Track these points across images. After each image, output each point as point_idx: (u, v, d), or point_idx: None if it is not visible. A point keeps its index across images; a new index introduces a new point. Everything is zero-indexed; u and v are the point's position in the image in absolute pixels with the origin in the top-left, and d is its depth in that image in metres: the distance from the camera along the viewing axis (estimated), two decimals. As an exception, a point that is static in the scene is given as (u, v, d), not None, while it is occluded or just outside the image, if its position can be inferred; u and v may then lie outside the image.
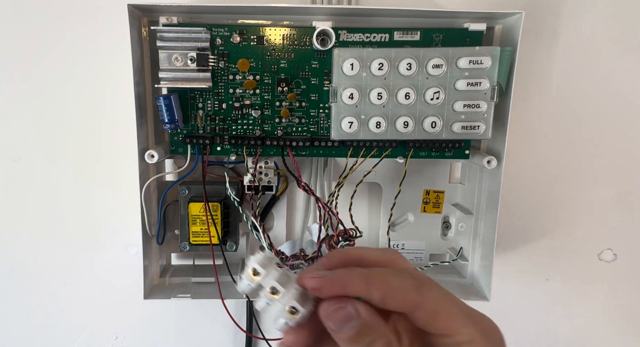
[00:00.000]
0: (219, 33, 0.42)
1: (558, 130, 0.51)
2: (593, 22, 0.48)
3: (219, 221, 0.45)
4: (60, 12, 0.47)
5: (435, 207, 0.51)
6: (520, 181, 0.51)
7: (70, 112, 0.48)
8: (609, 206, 0.52)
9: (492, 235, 0.45)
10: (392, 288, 0.23)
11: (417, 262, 0.52)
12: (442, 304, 0.24)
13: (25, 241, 0.51)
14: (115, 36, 0.47)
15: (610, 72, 0.49)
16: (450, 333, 0.23)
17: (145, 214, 0.43)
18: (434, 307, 0.23)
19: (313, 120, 0.44)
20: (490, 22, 0.44)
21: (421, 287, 0.24)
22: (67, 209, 0.50)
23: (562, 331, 0.56)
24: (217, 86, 0.43)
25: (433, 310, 0.23)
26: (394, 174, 0.49)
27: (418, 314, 0.23)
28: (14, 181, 0.50)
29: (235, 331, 0.54)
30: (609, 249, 0.54)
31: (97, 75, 0.48)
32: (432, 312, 0.23)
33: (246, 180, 0.45)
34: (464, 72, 0.40)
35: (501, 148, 0.44)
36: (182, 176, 0.47)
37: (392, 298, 0.23)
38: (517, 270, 0.54)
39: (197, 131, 0.44)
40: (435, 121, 0.41)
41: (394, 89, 0.40)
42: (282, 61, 0.43)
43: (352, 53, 0.40)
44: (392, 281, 0.23)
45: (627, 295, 0.55)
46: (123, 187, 0.49)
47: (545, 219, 0.53)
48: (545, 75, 0.49)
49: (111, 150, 0.49)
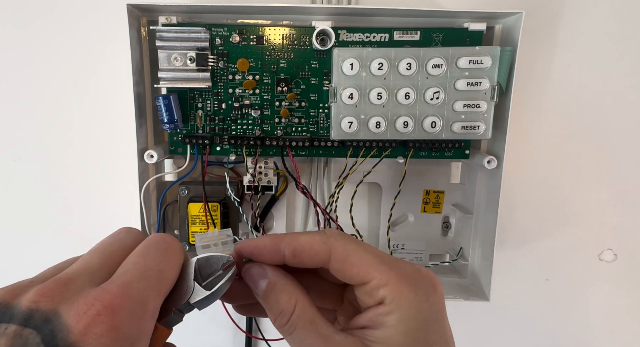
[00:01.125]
0: (219, 33, 0.42)
1: (558, 131, 0.51)
2: (593, 22, 0.48)
3: (218, 221, 0.45)
4: (59, 12, 0.47)
5: (435, 207, 0.51)
6: (520, 181, 0.51)
7: (69, 112, 0.48)
8: (609, 206, 0.52)
9: (492, 235, 0.45)
10: (300, 243, 0.25)
11: (417, 262, 0.52)
12: (351, 251, 0.24)
13: (25, 240, 0.51)
14: (115, 36, 0.47)
15: (610, 72, 0.49)
16: (365, 279, 0.24)
17: (144, 214, 0.43)
18: (343, 255, 0.24)
19: (313, 120, 0.44)
20: (490, 22, 0.44)
21: (329, 239, 0.25)
22: (67, 209, 0.50)
23: (562, 331, 0.56)
24: (217, 86, 0.43)
25: (342, 257, 0.24)
26: (394, 174, 0.49)
27: (332, 265, 0.24)
28: (14, 181, 0.50)
29: (235, 331, 0.53)
30: (609, 249, 0.54)
31: (97, 75, 0.48)
32: (342, 260, 0.24)
33: (246, 180, 0.45)
34: (464, 72, 0.40)
35: (501, 148, 0.44)
36: (181, 176, 0.47)
37: (301, 253, 0.25)
38: (517, 270, 0.54)
39: (196, 131, 0.44)
40: (435, 121, 0.41)
41: (394, 89, 0.40)
42: (281, 61, 0.43)
43: (351, 53, 0.40)
44: (300, 238, 0.25)
45: (628, 295, 0.55)
46: (122, 187, 0.49)
47: (545, 219, 0.53)
48: (545, 75, 0.49)
49: (111, 150, 0.49)
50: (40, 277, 0.20)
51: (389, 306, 0.23)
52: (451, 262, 0.49)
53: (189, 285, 0.23)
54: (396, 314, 0.23)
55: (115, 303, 0.18)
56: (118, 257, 0.21)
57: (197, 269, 0.23)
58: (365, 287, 0.24)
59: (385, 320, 0.23)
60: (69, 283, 0.19)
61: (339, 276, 0.25)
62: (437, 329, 0.23)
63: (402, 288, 0.23)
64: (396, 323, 0.23)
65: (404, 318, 0.23)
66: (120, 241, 0.23)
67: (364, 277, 0.24)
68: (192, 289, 0.23)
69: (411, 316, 0.23)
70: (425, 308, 0.23)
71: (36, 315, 0.17)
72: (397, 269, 0.24)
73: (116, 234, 0.24)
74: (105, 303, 0.18)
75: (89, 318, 0.17)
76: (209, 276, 0.23)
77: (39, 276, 0.21)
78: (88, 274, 0.20)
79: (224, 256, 0.24)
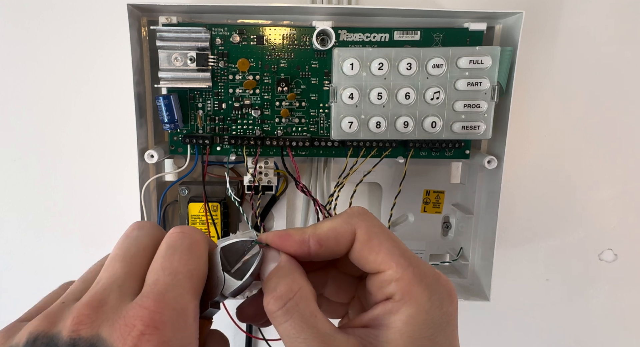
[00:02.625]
0: (219, 33, 0.42)
1: (558, 130, 0.50)
2: (593, 22, 0.48)
3: (218, 221, 0.45)
4: (59, 12, 0.47)
5: (436, 207, 0.51)
6: (520, 181, 0.51)
7: (70, 112, 0.48)
8: (609, 206, 0.52)
9: (492, 235, 0.45)
10: (324, 231, 0.23)
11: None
12: (374, 234, 0.23)
13: (25, 241, 0.51)
14: (115, 36, 0.47)
15: (610, 72, 0.49)
16: (380, 267, 0.22)
17: (144, 214, 0.43)
18: (366, 236, 0.23)
19: (313, 120, 0.44)
20: (490, 22, 0.44)
21: (352, 218, 0.24)
22: (67, 209, 0.50)
23: (563, 331, 0.56)
24: (217, 86, 0.43)
25: (365, 238, 0.23)
26: (394, 174, 0.49)
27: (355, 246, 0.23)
28: (14, 180, 0.50)
29: (235, 331, 0.53)
30: (610, 249, 0.54)
31: (97, 75, 0.48)
32: (363, 241, 0.23)
33: (246, 180, 0.45)
34: (464, 72, 0.40)
35: (501, 148, 0.44)
36: (181, 176, 0.47)
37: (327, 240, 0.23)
38: (517, 270, 0.54)
39: (196, 131, 0.44)
40: (436, 121, 0.41)
41: (394, 89, 0.40)
42: (282, 61, 0.43)
43: (352, 53, 0.40)
44: (324, 225, 0.24)
45: (628, 295, 0.55)
46: (123, 187, 0.49)
47: (545, 219, 0.53)
48: (545, 75, 0.49)
49: (111, 150, 0.49)
50: (71, 297, 0.20)
51: (397, 303, 0.21)
52: (451, 262, 0.49)
53: (219, 277, 0.22)
54: (403, 315, 0.21)
55: (156, 318, 0.18)
56: (141, 260, 0.21)
57: (224, 258, 0.22)
58: (378, 277, 0.22)
59: (390, 321, 0.21)
60: (102, 304, 0.18)
61: (357, 259, 0.23)
62: (445, 343, 0.21)
63: (415, 288, 0.21)
64: (402, 326, 0.21)
65: (411, 321, 0.21)
66: (137, 241, 0.22)
67: (380, 265, 0.22)
68: (224, 281, 0.22)
69: (420, 320, 0.21)
70: (436, 316, 0.21)
71: (80, 343, 0.17)
72: (416, 266, 0.22)
73: (130, 233, 0.23)
74: (146, 321, 0.18)
75: (134, 339, 0.17)
76: (236, 262, 0.22)
77: (69, 295, 0.20)
78: (118, 288, 0.19)
79: (247, 239, 0.23)
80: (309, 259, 0.24)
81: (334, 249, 0.23)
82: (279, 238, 0.24)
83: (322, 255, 0.24)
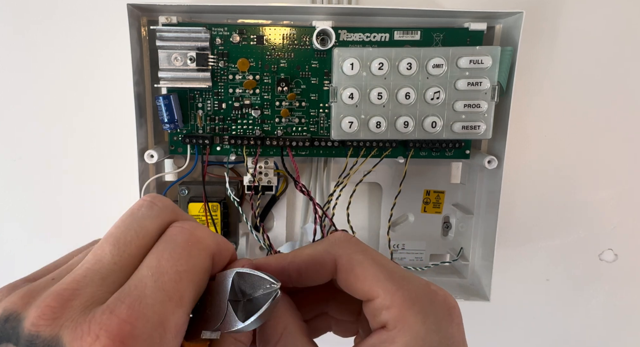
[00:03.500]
0: (219, 33, 0.42)
1: (558, 130, 0.50)
2: (593, 22, 0.48)
3: (218, 221, 0.45)
4: (59, 11, 0.46)
5: (436, 207, 0.51)
6: (520, 181, 0.51)
7: (70, 112, 0.48)
8: (609, 206, 0.52)
9: (492, 235, 0.45)
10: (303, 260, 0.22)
11: (417, 262, 0.52)
12: (356, 262, 0.21)
13: (25, 241, 0.51)
14: (115, 36, 0.46)
15: (610, 72, 0.49)
16: (368, 295, 0.21)
17: (144, 214, 0.43)
18: (347, 265, 0.21)
19: (313, 120, 0.44)
20: (490, 22, 0.44)
21: (332, 247, 0.22)
22: (67, 209, 0.50)
23: (563, 331, 0.56)
24: (217, 86, 0.43)
25: (347, 268, 0.21)
26: (394, 174, 0.49)
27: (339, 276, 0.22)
28: (14, 180, 0.50)
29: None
30: (610, 250, 0.54)
31: (97, 74, 0.48)
32: (346, 271, 0.21)
33: (246, 180, 0.45)
34: (464, 72, 0.40)
35: (501, 148, 0.44)
36: (181, 176, 0.47)
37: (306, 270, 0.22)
38: (518, 270, 0.54)
39: (196, 131, 0.44)
40: (436, 121, 0.41)
41: (394, 89, 0.40)
42: (282, 61, 0.43)
43: (352, 53, 0.40)
44: (303, 253, 0.22)
45: (628, 295, 0.55)
46: (122, 187, 0.49)
47: (545, 219, 0.53)
48: (546, 75, 0.49)
49: (111, 150, 0.49)
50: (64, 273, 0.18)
51: (391, 332, 0.20)
52: (451, 262, 0.49)
53: (221, 306, 0.18)
54: (399, 345, 0.20)
55: (125, 331, 0.15)
56: (137, 250, 0.18)
57: (236, 284, 0.19)
58: (370, 305, 0.21)
59: None
60: (73, 297, 0.16)
61: (344, 287, 0.22)
62: None
63: (407, 314, 0.20)
64: None
65: None
66: (140, 224, 0.19)
67: (368, 293, 0.21)
68: (225, 313, 0.18)
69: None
70: (434, 341, 0.20)
71: (38, 342, 0.15)
72: (405, 289, 0.20)
73: (136, 210, 0.19)
74: (112, 333, 0.15)
75: None
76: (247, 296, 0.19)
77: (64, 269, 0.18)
78: (99, 280, 0.17)
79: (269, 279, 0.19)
80: (292, 286, 0.23)
81: (315, 278, 0.22)
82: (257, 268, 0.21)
83: (305, 283, 0.22)
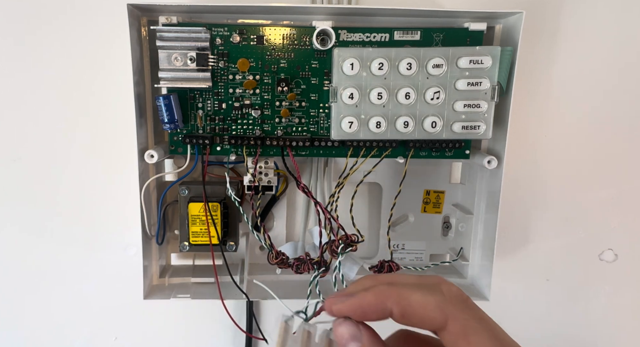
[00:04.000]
0: (219, 33, 0.42)
1: (558, 130, 0.51)
2: (593, 22, 0.48)
3: (218, 221, 0.45)
4: (59, 11, 0.46)
5: (436, 208, 0.51)
6: (520, 181, 0.51)
7: (70, 112, 0.48)
8: (609, 206, 0.52)
9: (493, 235, 0.45)
10: (411, 305, 0.21)
11: (417, 262, 0.52)
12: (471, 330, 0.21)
13: (25, 241, 0.51)
14: (115, 36, 0.47)
15: (610, 72, 0.49)
16: None
17: (144, 214, 0.43)
18: (461, 331, 0.21)
19: (313, 120, 0.44)
20: (490, 22, 0.44)
21: (447, 306, 0.21)
22: (67, 209, 0.50)
23: (563, 331, 0.56)
24: (217, 86, 0.43)
25: (459, 333, 0.21)
26: (394, 174, 0.49)
27: (446, 336, 0.21)
28: (14, 180, 0.50)
29: (235, 332, 0.53)
30: (610, 250, 0.54)
31: (97, 74, 0.48)
32: (457, 335, 0.21)
33: (246, 180, 0.45)
34: (464, 72, 0.40)
35: (501, 148, 0.44)
36: (181, 176, 0.47)
37: (412, 315, 0.21)
38: (518, 270, 0.54)
39: (196, 131, 0.44)
40: (436, 121, 0.41)
41: (394, 89, 0.40)
42: (282, 61, 0.43)
43: (352, 53, 0.40)
44: (411, 298, 0.21)
45: (628, 296, 0.55)
46: (122, 187, 0.49)
47: (545, 219, 0.53)
48: (546, 75, 0.49)
49: (111, 150, 0.49)
50: None
51: None
52: (451, 262, 0.49)
53: None
54: None
55: None
56: None
57: None
58: None
59: None
60: None
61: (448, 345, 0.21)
62: None
63: None
64: None
65: None
66: None
67: None
68: None
69: None
70: None
71: None
72: None
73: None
74: None
75: None
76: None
77: None
78: None
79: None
80: None
81: (417, 325, 0.22)
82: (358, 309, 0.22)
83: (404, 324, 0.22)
